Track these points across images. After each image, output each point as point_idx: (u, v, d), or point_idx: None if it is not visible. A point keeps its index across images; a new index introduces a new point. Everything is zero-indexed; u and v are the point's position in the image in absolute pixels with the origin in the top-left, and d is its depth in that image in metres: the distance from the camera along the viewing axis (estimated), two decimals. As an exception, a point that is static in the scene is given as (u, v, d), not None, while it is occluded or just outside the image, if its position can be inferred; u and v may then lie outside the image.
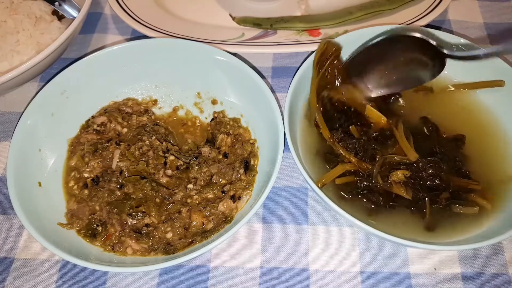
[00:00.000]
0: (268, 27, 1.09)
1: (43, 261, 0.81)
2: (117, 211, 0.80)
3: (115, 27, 1.18)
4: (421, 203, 0.77)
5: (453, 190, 0.78)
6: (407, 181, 0.78)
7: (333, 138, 0.82)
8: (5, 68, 0.99)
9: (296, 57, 1.09)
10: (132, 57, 0.94)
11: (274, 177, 0.76)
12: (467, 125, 0.88)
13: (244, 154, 0.87)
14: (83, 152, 0.87)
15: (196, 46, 0.92)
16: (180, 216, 0.80)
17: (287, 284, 0.78)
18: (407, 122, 0.85)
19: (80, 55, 1.11)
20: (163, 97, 0.98)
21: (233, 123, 0.92)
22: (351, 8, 1.09)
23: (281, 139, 0.79)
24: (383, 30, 0.92)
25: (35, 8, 1.05)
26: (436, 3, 1.09)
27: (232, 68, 0.91)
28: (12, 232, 0.85)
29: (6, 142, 0.96)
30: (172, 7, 1.17)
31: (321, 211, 0.86)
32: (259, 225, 0.85)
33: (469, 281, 0.78)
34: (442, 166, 0.79)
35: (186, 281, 0.79)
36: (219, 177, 0.85)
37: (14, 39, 1.00)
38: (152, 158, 0.86)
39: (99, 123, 0.91)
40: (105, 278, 0.79)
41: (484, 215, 0.77)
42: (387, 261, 0.80)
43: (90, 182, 0.84)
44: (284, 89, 1.04)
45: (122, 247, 0.77)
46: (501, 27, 1.15)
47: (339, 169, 0.79)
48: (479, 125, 0.89)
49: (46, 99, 0.87)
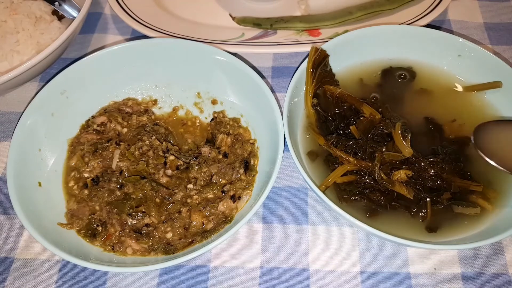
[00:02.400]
0: (268, 27, 1.09)
1: (43, 261, 0.81)
2: (117, 211, 0.80)
3: (115, 27, 1.18)
4: (422, 203, 0.77)
5: (454, 190, 0.78)
6: (408, 180, 0.78)
7: (328, 143, 0.82)
8: (5, 68, 0.99)
9: (296, 57, 1.09)
10: (132, 57, 0.94)
11: (274, 177, 0.76)
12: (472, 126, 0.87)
13: (244, 154, 0.87)
14: (83, 152, 0.87)
15: (196, 46, 0.92)
16: (180, 216, 0.80)
17: (287, 284, 0.78)
18: (410, 122, 0.84)
19: (80, 55, 1.11)
20: (163, 97, 0.98)
21: (233, 123, 0.92)
22: (351, 8, 1.09)
23: (281, 139, 0.79)
24: (384, 30, 0.92)
25: (35, 8, 1.05)
26: (436, 3, 1.09)
27: (232, 68, 0.91)
28: (12, 232, 0.85)
29: (6, 142, 0.96)
30: (172, 7, 1.17)
31: (321, 211, 0.86)
32: (259, 225, 0.85)
33: (469, 281, 0.78)
34: (444, 166, 0.79)
35: (186, 281, 0.79)
36: (219, 177, 0.85)
37: (14, 39, 1.00)
38: (152, 158, 0.86)
39: (99, 123, 0.91)
40: (105, 278, 0.79)
41: (484, 215, 0.77)
42: (387, 261, 0.80)
43: (90, 182, 0.84)
44: (284, 89, 1.04)
45: (122, 247, 0.77)
46: (501, 27, 1.15)
47: (340, 170, 0.79)
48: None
49: (46, 99, 0.87)
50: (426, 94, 0.93)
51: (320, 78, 0.88)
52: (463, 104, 0.91)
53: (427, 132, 0.87)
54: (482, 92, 0.91)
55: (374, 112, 0.83)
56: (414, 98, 0.92)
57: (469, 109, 0.90)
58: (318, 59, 0.88)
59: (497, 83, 0.88)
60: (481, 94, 0.91)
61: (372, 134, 0.82)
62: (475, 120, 0.88)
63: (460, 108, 0.91)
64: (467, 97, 0.92)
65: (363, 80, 0.95)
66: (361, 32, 0.94)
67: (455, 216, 0.77)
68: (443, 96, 0.92)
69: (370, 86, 0.94)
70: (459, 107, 0.91)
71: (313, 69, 0.87)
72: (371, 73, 0.96)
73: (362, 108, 0.84)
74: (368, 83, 0.94)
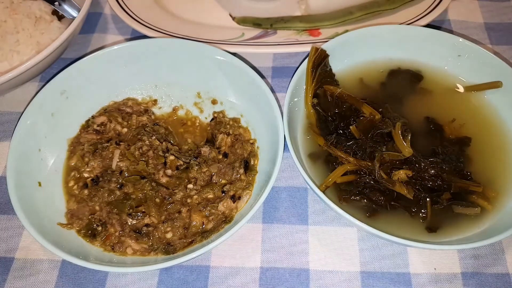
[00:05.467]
0: (268, 27, 1.09)
1: (43, 261, 0.81)
2: (117, 211, 0.80)
3: (115, 27, 1.18)
4: (422, 203, 0.77)
5: (454, 191, 0.78)
6: (408, 180, 0.78)
7: (327, 144, 0.82)
8: (5, 68, 0.99)
9: (296, 57, 1.09)
10: (132, 57, 0.94)
11: (274, 177, 0.76)
12: (472, 126, 0.87)
13: (244, 154, 0.87)
14: (83, 152, 0.87)
15: (196, 46, 0.92)
16: (180, 216, 0.80)
17: (287, 284, 0.78)
18: (410, 122, 0.84)
19: (80, 55, 1.11)
20: (163, 97, 0.98)
21: (233, 123, 0.92)
22: (351, 8, 1.09)
23: (281, 139, 0.79)
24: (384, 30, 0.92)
25: (35, 8, 1.05)
26: (436, 3, 1.09)
27: (232, 68, 0.91)
28: (12, 232, 0.85)
29: (6, 142, 0.96)
30: (172, 7, 1.17)
31: (321, 211, 0.86)
32: (259, 225, 0.85)
33: (469, 281, 0.78)
34: (444, 167, 0.79)
35: (186, 281, 0.79)
36: (219, 177, 0.85)
37: (14, 39, 1.00)
38: (152, 158, 0.86)
39: (99, 123, 0.91)
40: (105, 278, 0.79)
41: (484, 215, 0.77)
42: (387, 261, 0.80)
43: (90, 182, 0.84)
44: (284, 89, 1.04)
45: (122, 247, 0.77)
46: (501, 27, 1.15)
47: (340, 170, 0.79)
48: (484, 126, 0.88)
49: (46, 99, 0.87)
50: (426, 94, 0.93)
51: (320, 78, 0.88)
52: (463, 104, 0.91)
53: (427, 132, 0.87)
54: (482, 92, 0.91)
55: (374, 112, 0.83)
56: (414, 98, 0.92)
57: (469, 109, 0.90)
58: (318, 59, 0.88)
59: (497, 83, 0.88)
60: (481, 94, 0.91)
61: (372, 134, 0.82)
62: (475, 120, 0.88)
63: (460, 108, 0.91)
64: (467, 97, 0.92)
65: (363, 80, 0.95)
66: (361, 32, 0.94)
67: (455, 216, 0.77)
68: (443, 96, 0.93)
69: (370, 86, 0.94)
70: (459, 107, 0.91)
71: (313, 69, 0.87)
72: (371, 73, 0.96)
73: (362, 108, 0.84)
74: (368, 83, 0.94)
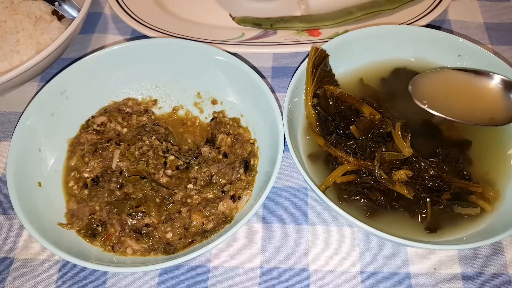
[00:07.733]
0: (268, 27, 1.09)
1: (43, 261, 0.81)
2: (117, 211, 0.80)
3: (115, 27, 1.18)
4: (422, 203, 0.77)
5: (454, 191, 0.78)
6: (408, 181, 0.78)
7: (327, 144, 0.82)
8: (5, 68, 0.99)
9: (296, 57, 1.09)
10: (132, 57, 0.94)
11: (274, 177, 0.76)
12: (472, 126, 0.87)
13: (244, 154, 0.87)
14: (83, 152, 0.87)
15: (196, 46, 0.92)
16: (180, 216, 0.80)
17: (287, 284, 0.78)
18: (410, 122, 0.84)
19: (80, 55, 1.11)
20: (163, 97, 0.98)
21: (233, 123, 0.92)
22: (351, 8, 1.09)
23: (281, 139, 0.79)
24: (384, 30, 0.92)
25: (35, 8, 1.05)
26: (436, 3, 1.09)
27: (232, 68, 0.91)
28: (12, 232, 0.85)
29: (6, 142, 0.96)
30: (172, 7, 1.17)
31: (321, 211, 0.86)
32: (259, 225, 0.85)
33: (469, 281, 0.78)
34: (444, 167, 0.79)
35: (186, 281, 0.79)
36: (219, 177, 0.85)
37: (14, 39, 1.00)
38: (152, 158, 0.86)
39: (99, 123, 0.91)
40: (105, 278, 0.79)
41: (484, 216, 0.77)
42: (387, 261, 0.80)
43: (90, 182, 0.84)
44: (284, 89, 1.04)
45: (122, 247, 0.77)
46: (501, 27, 1.15)
47: (340, 170, 0.79)
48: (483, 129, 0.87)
49: (46, 99, 0.87)
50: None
51: (320, 78, 0.88)
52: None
53: (427, 132, 0.87)
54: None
55: (374, 112, 0.83)
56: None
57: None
58: (318, 59, 0.88)
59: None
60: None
61: (372, 134, 0.82)
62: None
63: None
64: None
65: (363, 80, 0.95)
66: (361, 32, 0.94)
67: (455, 216, 0.77)
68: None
69: (370, 86, 0.94)
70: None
71: (313, 69, 0.87)
72: (371, 73, 0.96)
73: (362, 108, 0.84)
74: (368, 83, 0.94)
